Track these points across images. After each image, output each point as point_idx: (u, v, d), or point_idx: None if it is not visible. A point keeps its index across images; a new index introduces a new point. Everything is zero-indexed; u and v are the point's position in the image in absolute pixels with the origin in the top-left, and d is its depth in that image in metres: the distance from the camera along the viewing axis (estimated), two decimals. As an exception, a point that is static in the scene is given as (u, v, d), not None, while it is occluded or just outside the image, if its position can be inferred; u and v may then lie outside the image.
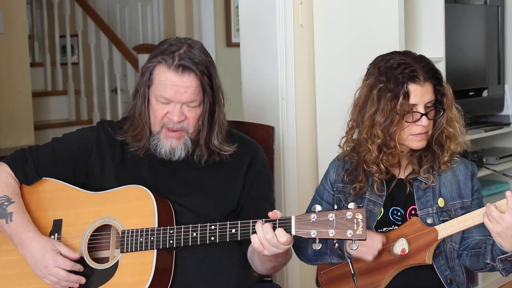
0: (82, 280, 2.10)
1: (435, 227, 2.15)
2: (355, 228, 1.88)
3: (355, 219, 1.88)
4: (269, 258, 2.09)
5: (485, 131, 3.86)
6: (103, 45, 5.62)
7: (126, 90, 5.54)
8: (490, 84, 4.04)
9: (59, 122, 5.55)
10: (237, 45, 3.46)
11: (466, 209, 2.20)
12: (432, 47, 3.30)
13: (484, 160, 3.90)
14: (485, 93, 4.01)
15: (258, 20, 3.13)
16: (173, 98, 2.13)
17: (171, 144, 2.18)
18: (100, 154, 2.25)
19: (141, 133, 2.20)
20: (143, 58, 5.13)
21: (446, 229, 2.14)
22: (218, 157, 2.24)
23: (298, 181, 3.14)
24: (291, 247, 2.28)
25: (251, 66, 3.17)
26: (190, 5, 5.77)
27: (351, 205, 1.90)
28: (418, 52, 3.39)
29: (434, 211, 2.19)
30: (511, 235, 2.00)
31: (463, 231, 2.19)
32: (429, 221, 2.18)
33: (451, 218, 2.17)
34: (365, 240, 1.90)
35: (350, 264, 2.14)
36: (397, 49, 2.95)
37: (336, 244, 1.94)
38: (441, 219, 2.18)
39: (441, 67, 3.30)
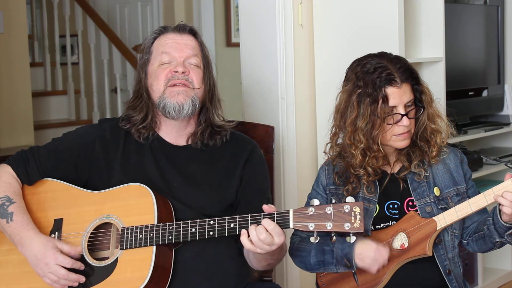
0: (82, 279, 2.11)
1: (433, 218, 2.17)
2: (352, 221, 1.90)
3: (352, 212, 1.90)
4: (264, 256, 2.11)
5: (485, 131, 3.86)
6: (103, 45, 5.62)
7: (126, 90, 5.53)
8: (490, 84, 4.05)
9: (59, 122, 5.54)
10: (237, 45, 3.46)
11: (461, 195, 2.24)
12: (432, 47, 3.30)
13: (483, 160, 3.90)
14: (485, 93, 4.02)
15: (258, 20, 3.13)
16: (174, 52, 2.21)
17: (177, 100, 2.19)
18: (105, 145, 2.26)
19: (142, 99, 2.25)
20: (143, 58, 5.12)
21: (444, 219, 2.16)
22: (219, 138, 2.27)
23: (298, 181, 3.14)
24: (287, 253, 2.30)
25: (251, 66, 3.17)
26: (190, 5, 5.77)
27: (349, 198, 1.92)
28: (418, 52, 3.40)
29: (432, 200, 2.22)
30: None
31: (464, 219, 2.22)
32: (428, 209, 2.21)
33: (448, 205, 2.21)
34: (362, 232, 1.92)
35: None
36: (397, 49, 2.96)
37: (334, 237, 1.95)
38: (439, 207, 2.21)
39: (441, 67, 3.30)
